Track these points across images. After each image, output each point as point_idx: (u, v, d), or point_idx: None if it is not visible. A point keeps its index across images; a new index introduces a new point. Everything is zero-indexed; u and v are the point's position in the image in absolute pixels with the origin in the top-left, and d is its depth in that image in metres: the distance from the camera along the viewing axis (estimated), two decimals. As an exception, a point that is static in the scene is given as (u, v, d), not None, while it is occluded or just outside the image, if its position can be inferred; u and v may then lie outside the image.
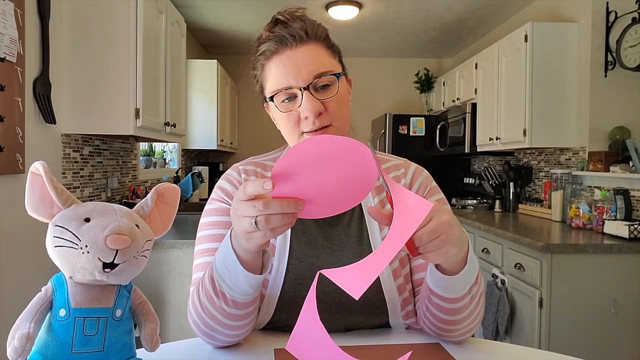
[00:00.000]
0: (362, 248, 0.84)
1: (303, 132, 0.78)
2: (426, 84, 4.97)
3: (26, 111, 1.80)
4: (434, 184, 0.92)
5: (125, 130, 2.16)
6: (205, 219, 0.84)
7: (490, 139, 3.33)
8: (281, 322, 0.81)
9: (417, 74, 5.10)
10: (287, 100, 0.78)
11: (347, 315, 0.81)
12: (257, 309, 0.74)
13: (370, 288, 0.80)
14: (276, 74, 0.78)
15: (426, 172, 0.93)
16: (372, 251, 0.82)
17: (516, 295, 2.28)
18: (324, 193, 0.57)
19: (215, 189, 0.87)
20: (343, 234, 0.85)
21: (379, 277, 0.81)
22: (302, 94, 0.76)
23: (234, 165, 0.91)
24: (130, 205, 0.59)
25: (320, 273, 0.80)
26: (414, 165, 0.93)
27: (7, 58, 1.65)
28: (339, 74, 0.80)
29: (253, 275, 0.64)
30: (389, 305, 0.81)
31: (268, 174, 0.87)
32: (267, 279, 0.80)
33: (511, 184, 3.37)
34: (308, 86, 0.76)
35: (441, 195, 0.91)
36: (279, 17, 0.81)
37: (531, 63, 2.82)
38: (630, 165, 2.35)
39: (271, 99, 0.79)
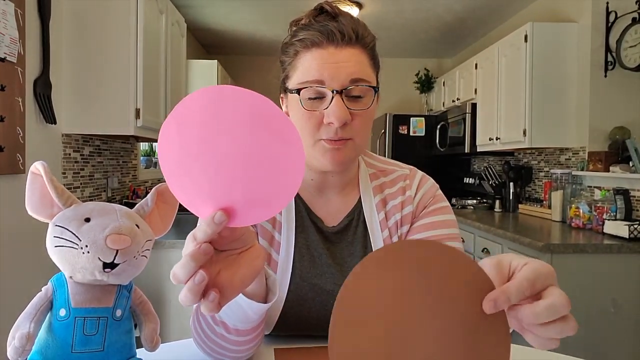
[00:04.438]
0: None
1: (322, 139, 0.71)
2: (426, 84, 4.97)
3: (26, 111, 1.81)
4: (440, 192, 0.84)
5: (126, 130, 2.16)
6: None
7: (490, 139, 3.33)
8: (279, 335, 0.79)
9: (417, 74, 5.10)
10: (313, 97, 0.70)
11: None
12: (263, 328, 0.68)
13: None
14: (311, 66, 0.70)
15: (432, 180, 0.85)
16: None
17: (516, 295, 2.28)
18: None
19: None
20: (346, 252, 0.79)
21: None
22: (333, 97, 0.68)
23: None
24: (131, 205, 0.59)
25: (320, 294, 0.74)
26: (420, 173, 0.85)
27: (7, 58, 1.65)
28: (376, 88, 0.73)
29: (257, 303, 0.55)
30: None
31: None
32: None
33: (511, 184, 3.37)
34: (342, 90, 0.69)
35: (446, 203, 0.82)
36: (325, 7, 0.74)
37: (531, 63, 2.82)
38: (630, 165, 2.35)
39: (297, 91, 0.71)
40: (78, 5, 2.11)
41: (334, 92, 0.68)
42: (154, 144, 3.68)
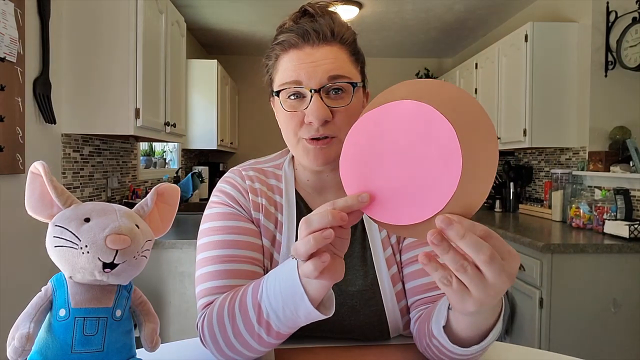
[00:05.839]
0: (365, 269, 0.78)
1: (302, 139, 0.72)
2: (426, 84, 4.97)
3: (26, 111, 1.80)
4: None
5: (126, 130, 2.16)
6: (208, 224, 0.77)
7: (491, 139, 3.33)
8: None
9: (417, 74, 5.10)
10: (293, 97, 0.71)
11: (347, 337, 0.77)
12: None
13: (371, 312, 0.75)
14: (288, 67, 0.71)
15: None
16: (375, 272, 0.77)
17: (516, 295, 2.28)
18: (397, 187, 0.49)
19: (216, 193, 0.80)
20: (346, 253, 0.82)
21: (382, 299, 0.76)
22: (312, 96, 0.69)
23: (233, 169, 0.84)
24: (130, 205, 0.59)
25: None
26: None
27: (7, 58, 1.65)
28: (356, 83, 0.73)
29: (317, 312, 0.56)
30: (391, 328, 0.77)
31: (271, 181, 0.82)
32: None
33: (511, 183, 3.37)
34: (320, 89, 0.69)
35: None
36: (307, 9, 0.75)
37: (531, 63, 2.82)
38: (631, 165, 2.35)
39: (277, 93, 0.73)
40: (78, 5, 2.11)
41: (312, 91, 0.69)
42: (154, 144, 3.68)
